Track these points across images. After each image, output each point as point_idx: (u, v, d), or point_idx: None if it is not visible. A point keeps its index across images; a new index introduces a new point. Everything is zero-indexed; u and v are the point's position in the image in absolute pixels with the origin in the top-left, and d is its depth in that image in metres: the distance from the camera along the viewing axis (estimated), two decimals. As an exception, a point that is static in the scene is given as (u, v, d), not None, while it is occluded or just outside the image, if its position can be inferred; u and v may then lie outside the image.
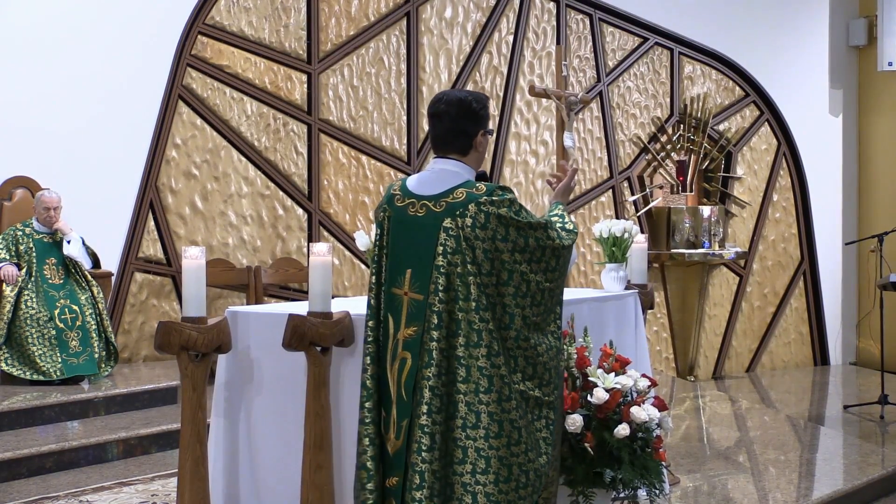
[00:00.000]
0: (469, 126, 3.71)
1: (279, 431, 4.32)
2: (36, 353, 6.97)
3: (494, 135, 9.63)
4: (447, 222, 3.59)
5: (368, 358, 3.71)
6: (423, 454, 3.53)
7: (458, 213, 3.59)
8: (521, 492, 3.55)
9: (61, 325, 7.08)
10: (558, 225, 3.80)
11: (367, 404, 3.70)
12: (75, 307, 7.17)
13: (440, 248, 3.59)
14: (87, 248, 7.44)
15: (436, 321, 3.56)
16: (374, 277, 3.77)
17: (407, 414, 3.61)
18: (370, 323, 3.74)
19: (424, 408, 3.55)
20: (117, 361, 7.43)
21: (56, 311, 7.10)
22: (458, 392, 3.55)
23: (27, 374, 6.97)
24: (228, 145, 8.64)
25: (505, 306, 3.58)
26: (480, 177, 3.86)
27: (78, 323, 7.14)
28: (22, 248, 7.27)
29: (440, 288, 3.57)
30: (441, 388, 3.56)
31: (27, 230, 7.34)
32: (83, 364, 7.10)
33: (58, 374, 6.98)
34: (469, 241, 3.57)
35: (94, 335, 7.19)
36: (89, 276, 7.38)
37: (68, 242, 7.28)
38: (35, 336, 6.99)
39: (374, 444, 3.67)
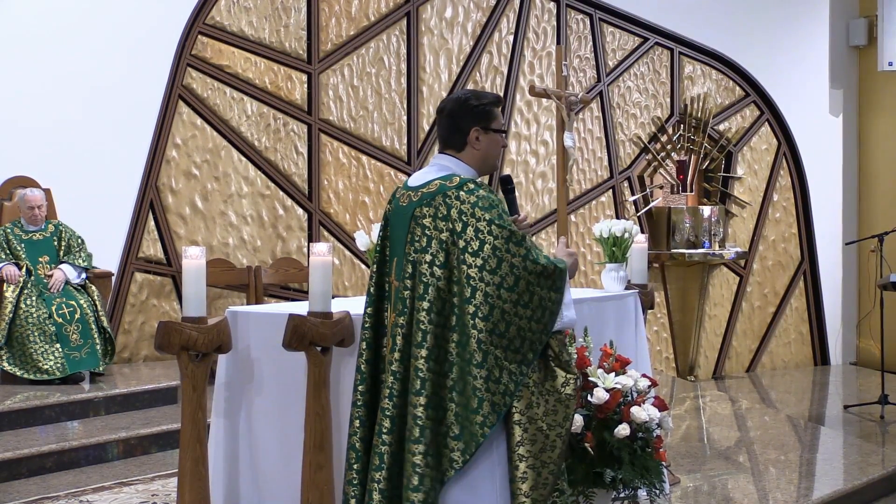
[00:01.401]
0: (464, 122, 3.71)
1: (279, 431, 4.32)
2: (38, 352, 6.96)
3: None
4: (417, 211, 3.65)
5: (364, 343, 3.80)
6: (383, 436, 3.62)
7: (425, 202, 3.63)
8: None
9: (60, 320, 7.07)
10: (542, 258, 3.55)
11: (359, 388, 3.78)
12: (72, 302, 7.17)
13: (409, 237, 3.65)
14: (80, 266, 7.39)
15: (400, 307, 3.65)
16: (374, 267, 3.85)
17: None
18: (368, 310, 3.83)
19: (386, 391, 3.63)
20: (112, 358, 7.38)
21: (54, 308, 7.09)
22: (418, 369, 3.58)
23: (28, 373, 6.96)
24: (228, 145, 8.64)
25: (453, 306, 3.56)
26: (504, 181, 3.87)
27: (77, 316, 7.13)
28: (13, 247, 7.26)
29: (406, 275, 3.64)
30: (403, 372, 3.61)
31: (16, 230, 7.33)
32: (85, 358, 7.08)
33: (59, 370, 6.96)
34: (426, 231, 3.61)
35: (94, 326, 7.18)
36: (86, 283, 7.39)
37: (71, 279, 7.30)
38: (36, 334, 6.98)
39: (363, 426, 3.75)
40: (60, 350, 7.02)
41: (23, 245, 7.29)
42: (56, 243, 7.39)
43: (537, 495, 3.53)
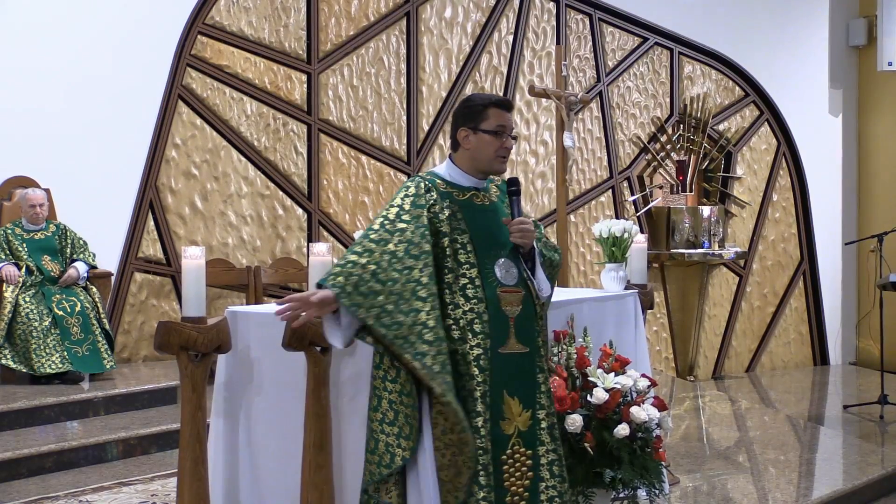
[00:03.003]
0: (455, 123, 3.82)
1: (279, 431, 4.32)
2: (40, 348, 6.95)
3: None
4: None
5: None
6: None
7: None
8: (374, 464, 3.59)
9: (60, 313, 7.08)
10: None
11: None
12: (73, 298, 7.18)
13: None
14: (90, 263, 7.45)
15: None
16: None
17: None
18: None
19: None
20: (112, 354, 7.38)
21: (54, 304, 7.10)
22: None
23: (30, 370, 6.95)
24: (228, 145, 8.64)
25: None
26: (509, 183, 3.91)
27: (77, 309, 7.14)
28: (14, 247, 7.26)
29: None
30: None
31: (17, 230, 7.34)
32: (87, 356, 7.08)
33: (60, 362, 6.95)
34: None
35: (95, 322, 7.19)
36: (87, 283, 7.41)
37: (82, 277, 7.35)
38: (38, 330, 6.97)
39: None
40: (62, 344, 7.02)
41: (24, 244, 7.29)
42: (57, 242, 7.40)
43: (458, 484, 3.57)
